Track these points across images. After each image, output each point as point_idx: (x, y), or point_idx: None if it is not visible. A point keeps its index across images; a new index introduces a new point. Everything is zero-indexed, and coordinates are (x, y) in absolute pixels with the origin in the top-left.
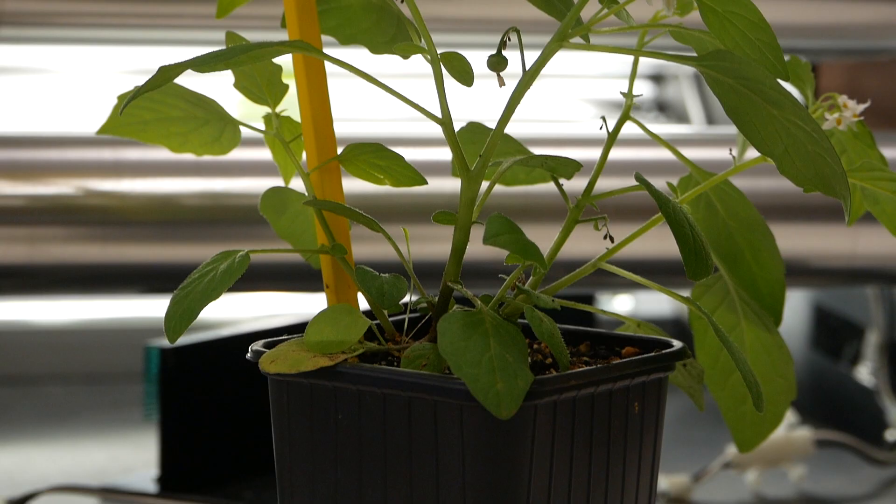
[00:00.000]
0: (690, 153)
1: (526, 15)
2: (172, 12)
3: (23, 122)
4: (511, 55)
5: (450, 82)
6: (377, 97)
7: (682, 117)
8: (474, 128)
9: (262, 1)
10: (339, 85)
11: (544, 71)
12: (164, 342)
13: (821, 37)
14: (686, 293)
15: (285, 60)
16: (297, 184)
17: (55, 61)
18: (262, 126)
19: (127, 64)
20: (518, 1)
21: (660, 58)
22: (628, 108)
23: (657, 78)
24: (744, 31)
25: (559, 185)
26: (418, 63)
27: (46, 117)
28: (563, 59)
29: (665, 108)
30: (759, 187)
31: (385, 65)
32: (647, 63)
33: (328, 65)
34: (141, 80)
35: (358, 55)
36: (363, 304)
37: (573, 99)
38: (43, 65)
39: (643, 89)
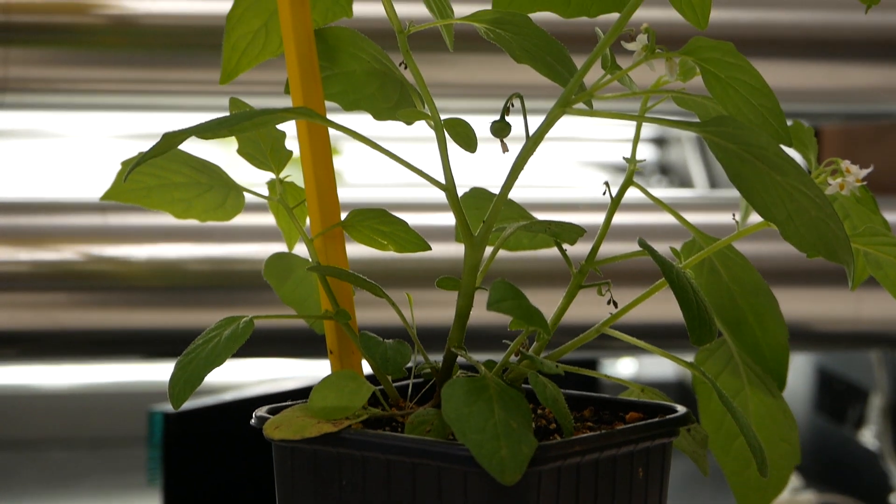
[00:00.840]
0: (693, 217)
1: (529, 80)
2: (176, 78)
3: (26, 186)
4: (514, 120)
5: (453, 145)
6: (381, 161)
7: (684, 180)
8: (477, 193)
9: (265, 67)
10: (343, 149)
11: (546, 134)
12: (168, 407)
13: (823, 101)
14: (690, 357)
15: (289, 126)
16: (301, 249)
17: (59, 126)
18: (266, 192)
19: (131, 129)
20: (521, 66)
21: (663, 124)
22: (631, 174)
23: (660, 141)
24: (746, 96)
25: (563, 251)
26: (422, 126)
27: (50, 182)
28: (566, 123)
29: (668, 171)
30: (762, 252)
31: (389, 128)
32: (649, 126)
33: (331, 129)
34: (145, 146)
35: (361, 119)
36: (367, 368)
37: (575, 162)
38: (46, 130)
39: (646, 152)
